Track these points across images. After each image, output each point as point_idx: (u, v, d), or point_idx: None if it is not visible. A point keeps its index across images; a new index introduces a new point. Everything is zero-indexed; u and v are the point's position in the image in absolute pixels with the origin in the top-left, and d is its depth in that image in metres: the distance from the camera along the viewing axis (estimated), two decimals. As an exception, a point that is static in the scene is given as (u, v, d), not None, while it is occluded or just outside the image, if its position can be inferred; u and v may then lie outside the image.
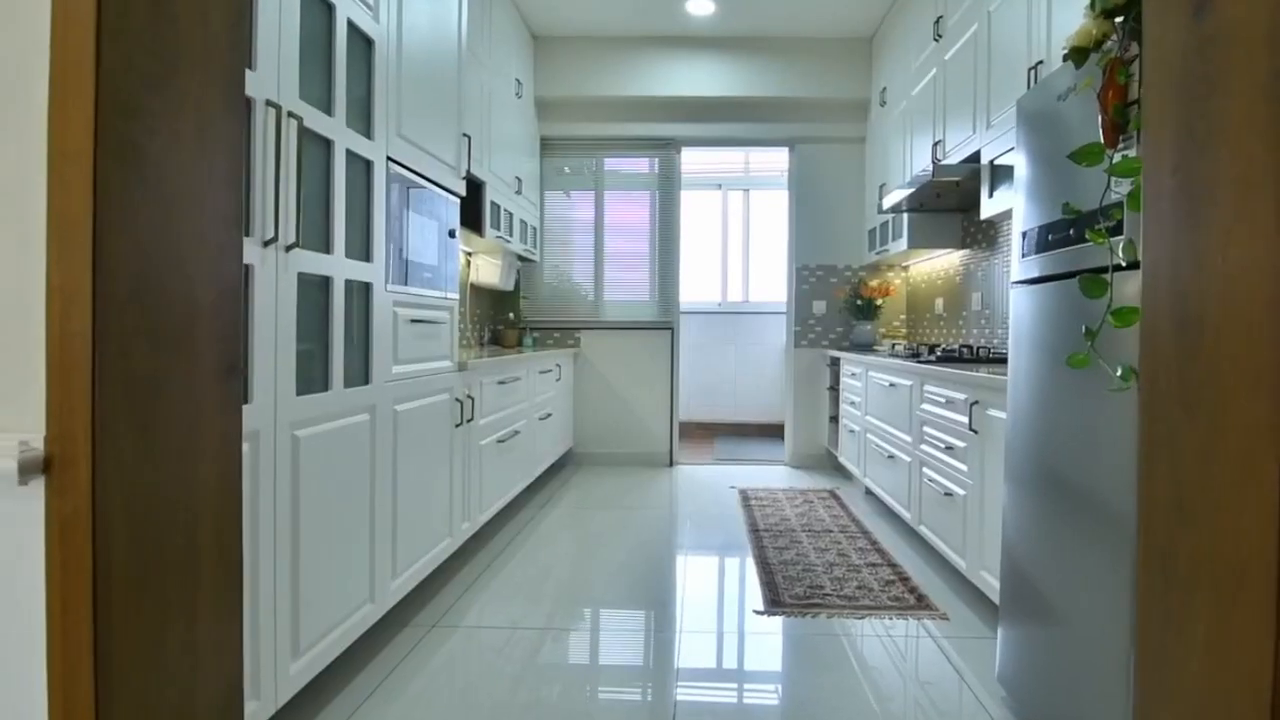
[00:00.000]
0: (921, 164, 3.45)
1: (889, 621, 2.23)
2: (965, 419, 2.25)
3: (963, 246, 3.67)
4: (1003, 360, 2.77)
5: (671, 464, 4.71)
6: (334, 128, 1.63)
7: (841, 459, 4.13)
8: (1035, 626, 1.60)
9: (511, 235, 3.94)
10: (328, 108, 1.61)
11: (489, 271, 4.09)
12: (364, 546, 1.80)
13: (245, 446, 1.32)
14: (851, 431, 3.85)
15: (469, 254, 4.07)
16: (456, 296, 2.43)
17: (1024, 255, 1.69)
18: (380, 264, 1.86)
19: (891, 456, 3.07)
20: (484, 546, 2.89)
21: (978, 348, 2.96)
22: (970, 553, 2.23)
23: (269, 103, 1.36)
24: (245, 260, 1.31)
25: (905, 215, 3.73)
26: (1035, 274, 1.62)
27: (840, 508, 3.57)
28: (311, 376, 1.57)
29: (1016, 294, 1.73)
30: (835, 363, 4.40)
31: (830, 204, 4.65)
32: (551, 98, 4.53)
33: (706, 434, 6.07)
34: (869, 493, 3.82)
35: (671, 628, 2.18)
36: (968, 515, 2.25)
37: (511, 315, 4.59)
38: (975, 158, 2.85)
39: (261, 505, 1.37)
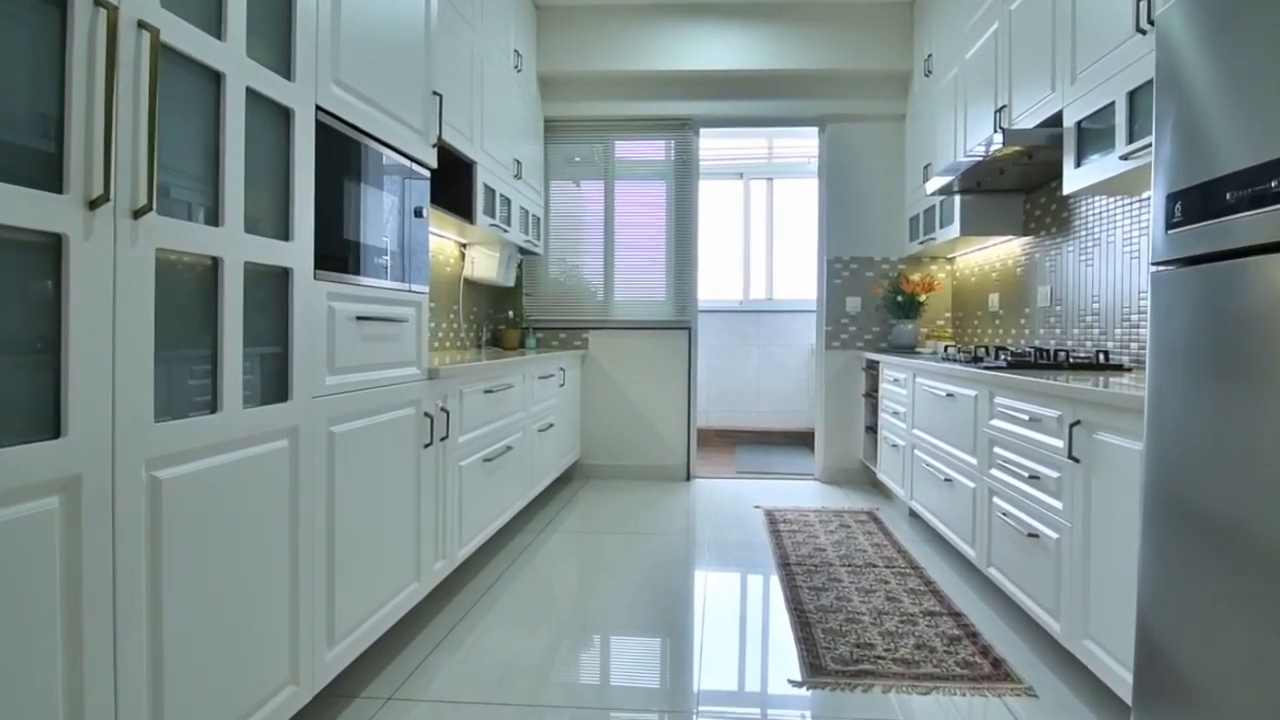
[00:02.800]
0: (979, 137, 2.97)
1: (960, 697, 1.76)
2: (1061, 443, 1.77)
3: (1025, 233, 3.18)
4: (1088, 366, 2.29)
5: (689, 478, 4.26)
6: (226, 56, 1.20)
7: (881, 476, 3.65)
8: (1198, 748, 1.13)
9: (510, 224, 3.51)
10: (215, 28, 1.19)
11: (485, 265, 3.68)
12: (281, 614, 1.37)
13: (53, 499, 0.90)
14: (894, 446, 3.37)
15: (463, 245, 3.66)
16: (425, 290, 2.01)
17: (1174, 226, 1.22)
18: (305, 244, 1.43)
19: (948, 480, 2.59)
20: (465, 585, 2.47)
21: (1055, 351, 2.47)
22: (1069, 614, 1.75)
23: (98, 1, 0.94)
24: (52, 229, 0.89)
25: (957, 198, 3.25)
26: (1203, 250, 1.15)
27: (882, 534, 3.10)
28: (185, 395, 1.14)
29: (1162, 280, 1.25)
30: (873, 366, 3.91)
31: (865, 189, 4.17)
32: (556, 74, 4.10)
33: (727, 442, 5.61)
34: (913, 515, 3.34)
35: (688, 702, 1.74)
36: (1064, 565, 1.77)
37: (511, 314, 4.16)
38: (1053, 122, 2.36)
39: (87, 576, 0.95)
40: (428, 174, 2.04)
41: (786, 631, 2.13)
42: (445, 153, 2.77)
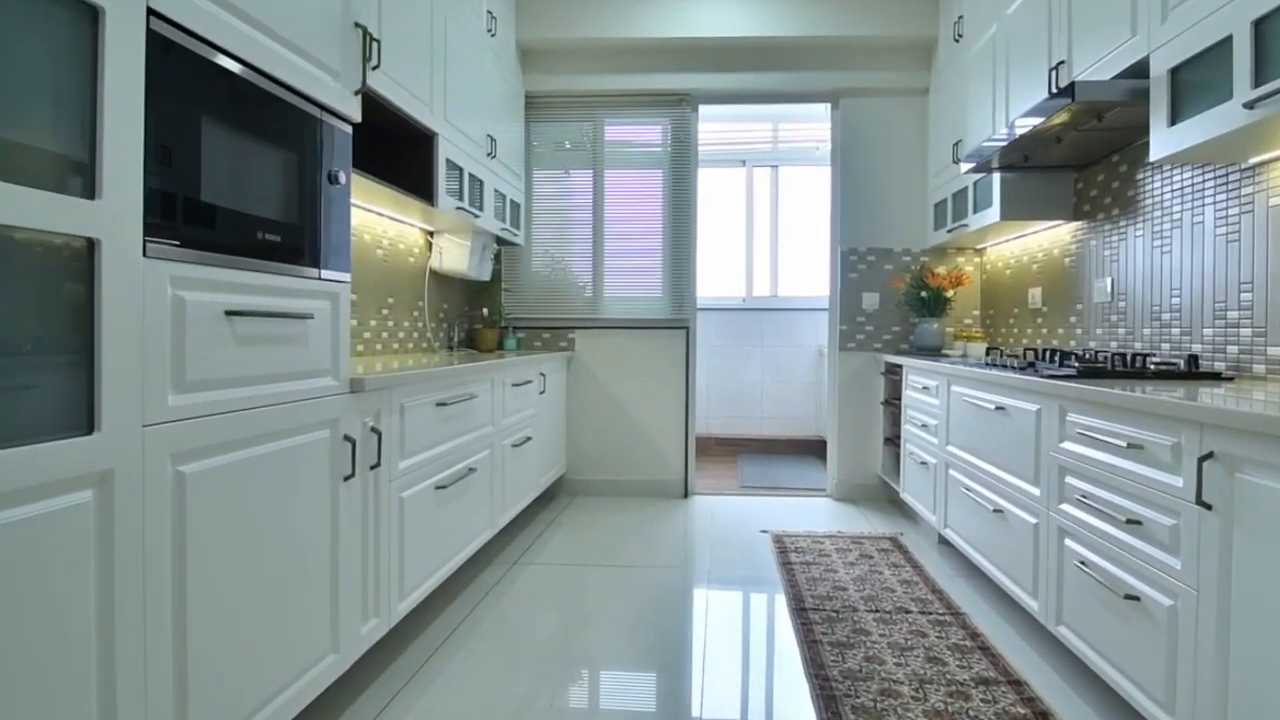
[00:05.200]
0: (1024, 105, 2.53)
1: (1044, 818, 1.32)
2: (1179, 480, 1.33)
3: (1077, 217, 2.74)
4: (1175, 375, 1.85)
5: (687, 494, 3.82)
6: (-52, -102, 0.77)
7: (904, 495, 3.21)
8: None
9: (482, 209, 3.07)
10: None
11: (455, 256, 3.23)
12: (80, 748, 0.93)
13: None
14: (922, 464, 2.93)
15: (430, 233, 3.22)
16: (345, 278, 1.56)
17: None
18: (128, 205, 0.99)
19: (999, 511, 2.16)
20: (413, 641, 2.02)
21: (1132, 356, 2.04)
22: (1192, 708, 1.30)
23: None
24: None
25: (996, 176, 2.81)
26: None
27: (910, 567, 2.66)
28: None
29: None
30: (893, 370, 3.48)
31: (884, 172, 3.73)
32: (538, 42, 3.66)
33: (729, 452, 5.17)
34: (943, 541, 2.91)
35: (679, 829, 1.30)
36: (1184, 643, 1.33)
37: (485, 311, 3.72)
38: (1133, 74, 1.93)
39: None
40: (349, 130, 1.60)
41: (807, 710, 1.69)
42: (400, 122, 2.34)
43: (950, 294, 3.48)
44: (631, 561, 2.75)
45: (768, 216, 5.42)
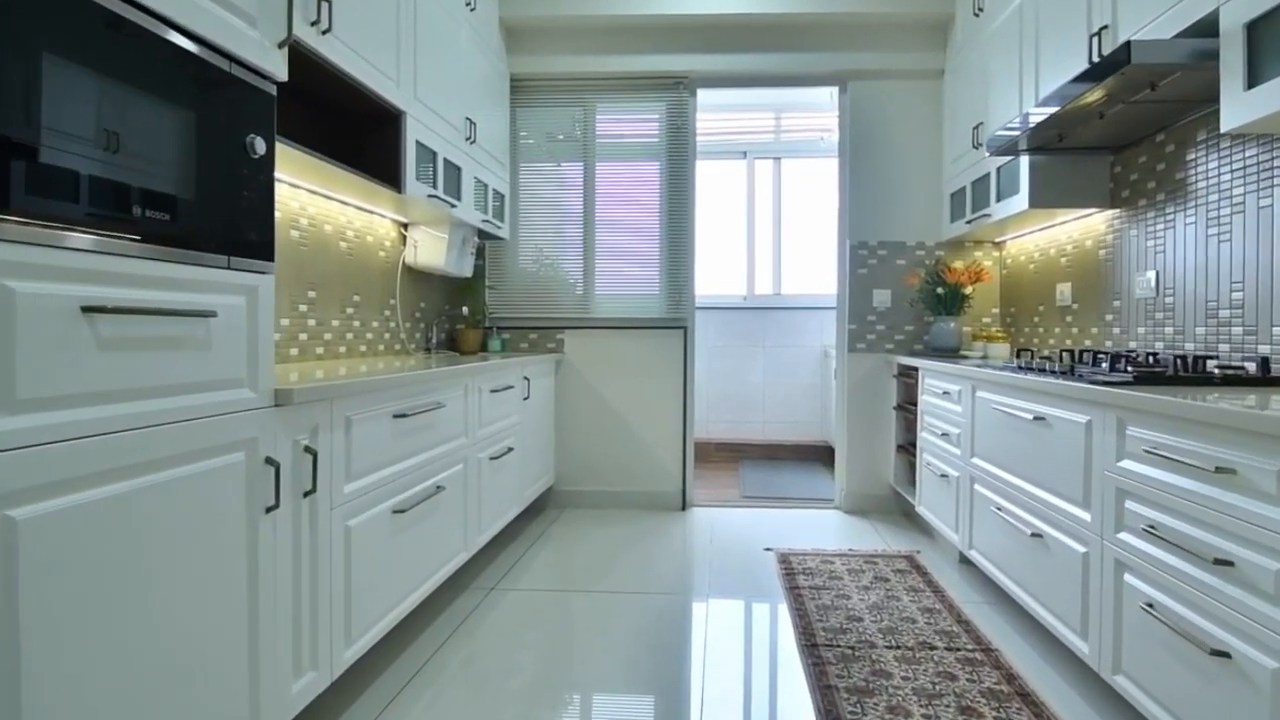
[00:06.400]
0: (1060, 79, 2.27)
1: None
2: (1291, 516, 1.07)
3: (1113, 204, 2.48)
4: (1245, 381, 1.58)
5: (685, 506, 3.56)
6: None
7: (921, 510, 2.95)
8: None
9: (460, 198, 2.81)
10: None
11: (431, 249, 2.97)
12: None
13: None
14: (942, 476, 2.67)
15: (404, 226, 2.96)
16: (266, 270, 1.30)
17: None
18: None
19: (1038, 535, 1.89)
20: (362, 692, 1.76)
21: (1193, 359, 1.77)
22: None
23: None
24: None
25: (1024, 160, 2.54)
26: None
27: (931, 591, 2.40)
28: None
29: None
30: (907, 373, 3.22)
31: (896, 160, 3.47)
32: (524, 20, 3.40)
33: (729, 457, 4.91)
34: (964, 560, 2.65)
35: None
36: (1296, 720, 1.07)
37: (467, 310, 3.45)
38: (1195, 32, 1.66)
39: None
40: (273, 91, 1.34)
41: (823, 779, 1.43)
42: (362, 99, 2.09)
43: (969, 290, 3.22)
44: (622, 586, 2.48)
45: (770, 211, 5.16)
